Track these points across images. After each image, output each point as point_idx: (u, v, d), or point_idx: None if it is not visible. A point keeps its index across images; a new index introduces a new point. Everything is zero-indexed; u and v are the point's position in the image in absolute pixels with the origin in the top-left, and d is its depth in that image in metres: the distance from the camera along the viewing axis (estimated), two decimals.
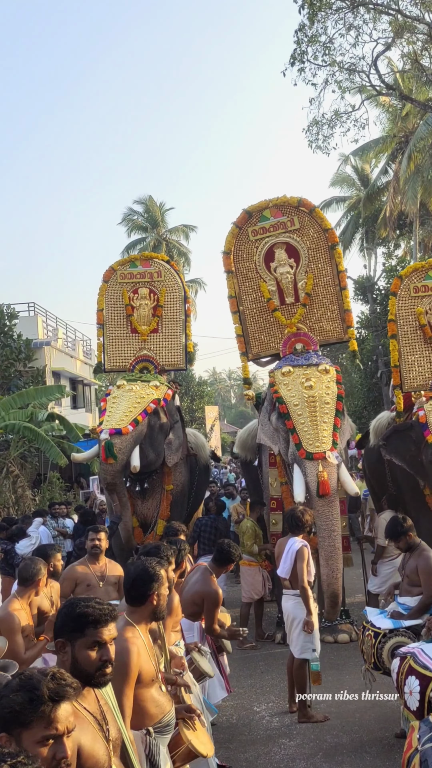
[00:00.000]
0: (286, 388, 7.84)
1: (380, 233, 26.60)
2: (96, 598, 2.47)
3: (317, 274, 8.83)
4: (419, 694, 4.48)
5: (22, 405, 15.59)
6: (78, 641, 2.32)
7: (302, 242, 8.83)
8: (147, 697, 3.02)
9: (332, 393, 7.75)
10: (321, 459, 7.18)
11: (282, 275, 8.80)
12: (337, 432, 7.48)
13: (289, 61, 16.85)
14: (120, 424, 7.85)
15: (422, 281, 8.45)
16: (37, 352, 21.43)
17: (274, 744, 5.43)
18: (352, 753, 5.12)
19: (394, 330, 8.38)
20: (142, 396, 8.31)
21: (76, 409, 25.81)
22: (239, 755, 5.28)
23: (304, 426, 7.44)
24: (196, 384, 34.18)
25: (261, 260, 8.89)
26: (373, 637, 5.28)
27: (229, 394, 74.78)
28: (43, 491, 15.97)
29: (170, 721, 3.08)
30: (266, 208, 8.92)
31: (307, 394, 7.64)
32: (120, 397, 8.29)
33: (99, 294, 9.49)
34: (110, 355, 9.36)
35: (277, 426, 7.75)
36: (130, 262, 9.62)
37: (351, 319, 8.96)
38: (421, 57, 17.74)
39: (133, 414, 8.03)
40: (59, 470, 17.33)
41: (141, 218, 37.08)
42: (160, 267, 9.59)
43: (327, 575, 6.83)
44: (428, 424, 7.50)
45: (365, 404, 22.06)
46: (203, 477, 10.21)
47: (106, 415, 8.12)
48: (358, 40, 17.01)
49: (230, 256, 8.96)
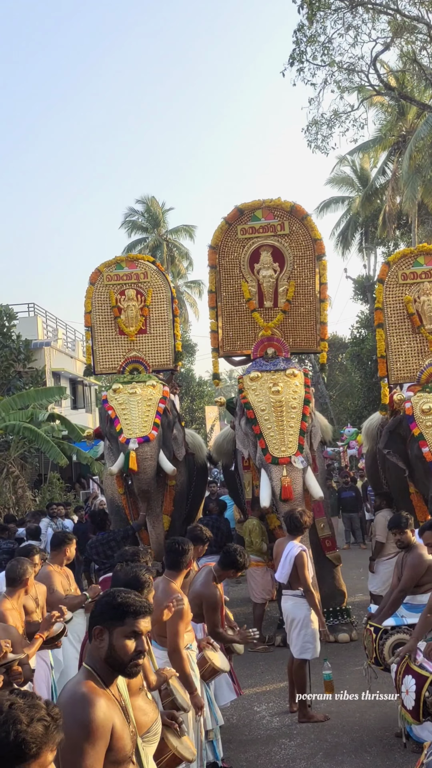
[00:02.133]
0: (254, 393, 7.86)
1: (380, 233, 26.61)
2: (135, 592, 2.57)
3: (299, 283, 8.76)
4: (415, 693, 4.51)
5: (22, 406, 15.60)
6: (116, 629, 2.40)
7: (289, 248, 8.77)
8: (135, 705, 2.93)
9: (299, 397, 7.75)
10: (286, 464, 7.22)
11: (264, 278, 8.75)
12: (303, 436, 7.49)
13: (288, 61, 16.87)
14: (145, 431, 7.89)
15: (410, 268, 8.25)
16: (37, 353, 21.43)
17: (275, 744, 5.43)
18: (353, 753, 5.13)
19: (381, 319, 8.20)
20: (149, 398, 8.34)
21: (76, 409, 25.81)
22: (239, 755, 5.28)
23: (270, 431, 7.47)
24: (196, 384, 34.21)
25: (246, 260, 8.83)
26: (373, 633, 5.30)
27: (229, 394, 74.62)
28: (43, 492, 15.98)
29: (157, 729, 3.04)
30: (258, 208, 8.85)
31: (274, 399, 7.65)
32: (128, 402, 8.28)
33: (86, 296, 9.48)
34: (99, 357, 9.36)
35: (246, 431, 7.79)
36: (116, 263, 9.58)
37: (325, 333, 8.89)
38: (420, 57, 17.74)
39: (150, 418, 8.07)
40: (59, 471, 17.34)
41: (142, 218, 37.10)
42: (146, 268, 9.57)
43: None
44: (414, 416, 7.39)
45: (365, 404, 22.07)
46: (201, 477, 10.23)
47: (122, 423, 8.07)
48: (357, 40, 17.06)
49: (216, 251, 8.90)
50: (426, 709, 4.43)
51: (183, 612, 4.21)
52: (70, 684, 2.44)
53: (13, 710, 1.65)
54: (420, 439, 7.21)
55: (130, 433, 7.89)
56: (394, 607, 5.41)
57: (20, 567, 4.79)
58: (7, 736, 1.61)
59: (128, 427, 7.98)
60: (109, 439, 8.44)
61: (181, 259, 37.80)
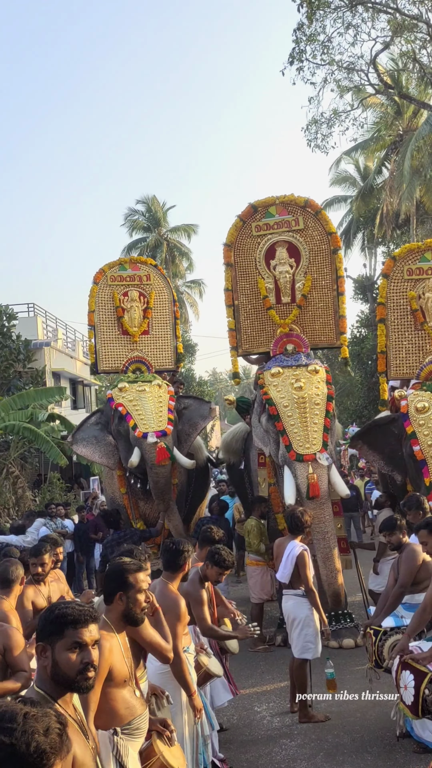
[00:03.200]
0: (275, 389, 7.80)
1: (377, 233, 26.58)
2: (77, 600, 2.49)
3: (316, 277, 8.75)
4: (414, 689, 4.50)
5: (22, 406, 15.58)
6: (58, 643, 2.24)
7: (304, 243, 8.75)
8: (117, 697, 2.98)
9: (322, 394, 7.71)
10: (311, 461, 7.17)
11: (281, 274, 8.74)
12: (327, 433, 7.45)
13: (288, 60, 16.85)
14: (161, 426, 8.05)
15: (417, 263, 8.18)
16: (37, 353, 21.41)
17: (275, 744, 5.41)
18: (354, 753, 5.10)
19: (384, 314, 8.14)
20: (159, 395, 8.48)
21: (76, 409, 25.79)
22: (240, 756, 5.26)
23: (294, 427, 7.42)
24: (197, 384, 34.19)
25: (261, 256, 8.83)
26: (373, 635, 5.28)
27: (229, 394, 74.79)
28: (43, 492, 15.96)
29: (141, 725, 3.00)
30: (272, 204, 8.85)
31: (296, 395, 7.60)
32: (139, 399, 8.37)
33: (90, 296, 9.58)
34: (103, 356, 9.46)
35: (267, 428, 7.73)
36: (119, 265, 9.72)
37: (345, 326, 8.85)
38: (420, 55, 17.72)
39: (164, 414, 8.24)
40: (59, 471, 17.31)
41: (142, 218, 37.07)
42: (149, 270, 9.72)
43: (326, 576, 6.93)
44: (408, 414, 7.34)
45: (365, 403, 22.06)
46: (200, 477, 10.19)
47: (135, 418, 8.17)
48: (357, 39, 17.04)
49: (231, 249, 8.90)
50: (426, 707, 4.43)
51: (180, 614, 4.17)
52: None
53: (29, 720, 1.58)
54: (412, 437, 7.18)
55: (146, 427, 8.00)
56: (394, 605, 5.39)
57: (9, 568, 4.73)
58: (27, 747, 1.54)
59: (143, 421, 8.08)
60: (116, 436, 8.44)
61: (181, 259, 37.77)
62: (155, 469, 7.86)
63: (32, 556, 5.37)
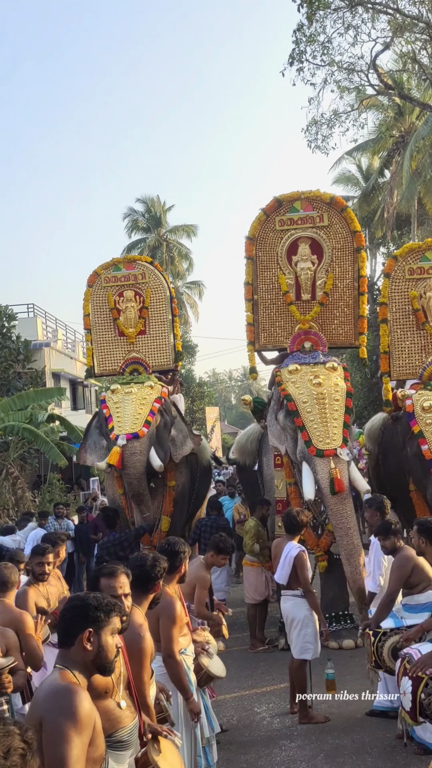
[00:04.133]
0: (294, 385, 7.72)
1: (377, 233, 26.58)
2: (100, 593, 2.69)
3: (338, 275, 8.63)
4: (411, 694, 4.50)
5: (21, 407, 15.56)
6: (105, 629, 2.48)
7: (328, 240, 8.62)
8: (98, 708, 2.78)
9: (341, 390, 7.64)
10: (332, 456, 7.10)
11: (302, 270, 8.60)
12: (347, 429, 7.40)
13: (288, 61, 16.84)
14: (135, 428, 7.89)
15: (418, 263, 8.13)
16: (37, 354, 21.40)
17: (275, 745, 5.39)
18: (354, 754, 5.09)
19: (386, 314, 8.08)
20: (144, 397, 8.33)
21: (76, 410, 25.77)
22: (240, 756, 5.24)
23: (313, 423, 7.34)
24: (197, 385, 34.19)
25: (284, 251, 8.69)
26: (372, 636, 5.26)
27: (229, 395, 74.73)
28: (43, 493, 15.95)
29: (125, 738, 2.89)
30: (297, 199, 8.70)
31: (315, 391, 7.53)
32: (122, 401, 8.28)
33: (84, 299, 9.45)
34: (100, 359, 9.35)
35: (285, 424, 7.65)
36: (113, 265, 9.53)
37: (364, 326, 8.75)
38: (421, 56, 17.72)
39: (142, 416, 8.08)
40: (59, 471, 17.29)
41: (142, 218, 37.08)
42: (144, 269, 9.52)
43: (350, 573, 6.85)
44: (414, 413, 7.29)
45: (366, 404, 22.02)
46: (204, 478, 10.16)
47: (114, 420, 8.09)
48: (357, 40, 17.02)
49: (253, 242, 8.74)
50: (423, 710, 4.43)
51: (176, 617, 4.13)
52: (49, 680, 2.43)
53: None
54: (420, 437, 7.13)
55: (120, 429, 7.91)
56: (384, 613, 5.40)
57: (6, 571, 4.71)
58: None
59: (119, 424, 8.01)
60: (105, 437, 8.41)
61: (181, 260, 37.78)
62: (123, 471, 7.77)
63: (35, 555, 5.36)
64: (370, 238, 28.31)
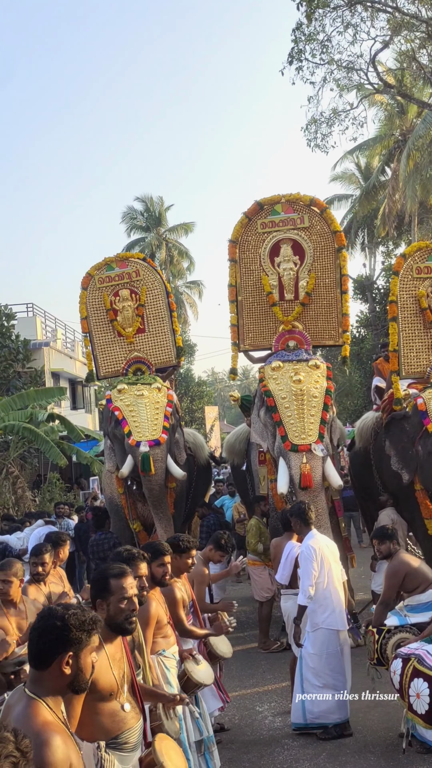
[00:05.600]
0: (274, 382, 7.81)
1: (379, 232, 26.58)
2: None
3: (320, 275, 8.71)
4: (429, 697, 4.41)
5: (21, 406, 15.56)
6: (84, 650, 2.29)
7: (309, 241, 8.72)
8: (103, 710, 2.84)
9: (321, 387, 7.70)
10: (306, 451, 7.15)
11: (285, 271, 8.69)
12: (324, 425, 7.44)
13: (287, 60, 16.82)
14: (155, 435, 7.83)
15: (425, 262, 8.13)
16: (36, 353, 21.40)
17: (278, 744, 5.39)
18: (356, 753, 5.08)
19: (395, 312, 8.06)
20: (157, 401, 8.25)
21: (75, 410, 25.77)
22: (242, 756, 5.24)
23: (290, 418, 7.41)
24: (196, 384, 34.19)
25: (266, 253, 8.77)
26: (376, 633, 5.26)
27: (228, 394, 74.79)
28: (43, 492, 15.95)
29: (130, 739, 2.87)
30: (278, 202, 8.80)
31: (295, 387, 7.60)
32: (136, 405, 8.17)
33: (80, 302, 9.29)
34: (101, 362, 9.21)
35: (265, 420, 7.72)
36: (106, 265, 9.36)
37: (347, 324, 8.82)
38: (420, 55, 17.71)
39: (159, 422, 8.00)
40: (59, 471, 17.29)
41: (141, 217, 37.02)
42: (138, 266, 9.39)
43: None
44: (428, 412, 7.26)
45: (365, 404, 22.07)
46: (202, 476, 10.16)
47: (130, 424, 7.97)
48: (356, 38, 16.99)
49: (236, 245, 8.84)
50: None
51: (149, 617, 4.04)
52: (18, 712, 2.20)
53: None
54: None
55: (140, 435, 7.82)
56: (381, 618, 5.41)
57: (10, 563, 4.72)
58: None
59: (138, 429, 7.90)
60: (111, 439, 8.36)
61: (180, 259, 37.74)
62: (147, 477, 7.72)
63: (33, 555, 5.35)
64: (370, 237, 28.32)
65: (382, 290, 24.68)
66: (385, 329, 9.46)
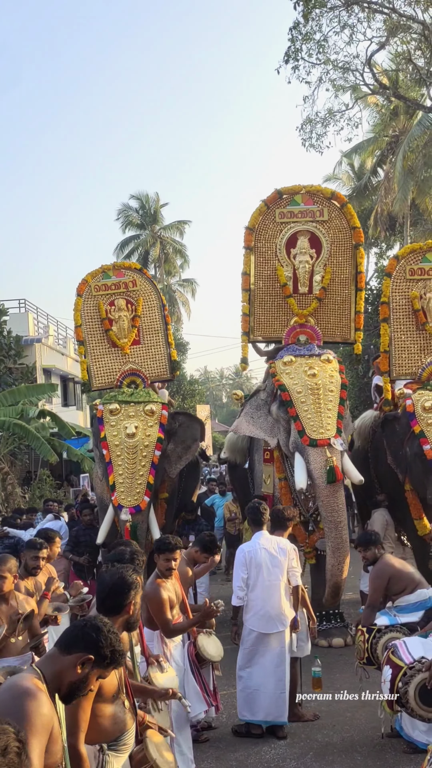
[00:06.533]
0: (288, 376, 7.71)
1: (371, 233, 26.63)
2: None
3: (335, 270, 8.61)
4: (390, 683, 4.55)
5: (12, 402, 15.50)
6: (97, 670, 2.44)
7: (327, 235, 8.60)
8: (106, 713, 2.85)
9: (336, 381, 7.63)
10: (326, 445, 7.10)
11: (300, 263, 8.57)
12: (341, 420, 7.41)
13: (284, 59, 16.85)
14: (137, 499, 7.47)
15: (419, 263, 8.13)
16: (28, 349, 21.32)
17: (265, 743, 5.39)
18: (343, 752, 5.09)
19: (387, 313, 8.06)
20: (146, 444, 7.73)
21: (67, 406, 25.71)
22: (229, 754, 5.23)
23: (307, 413, 7.33)
24: (188, 383, 34.17)
25: (283, 244, 8.65)
26: (366, 632, 5.27)
27: (220, 393, 74.80)
28: (33, 489, 15.90)
29: (129, 740, 2.90)
30: (298, 192, 8.67)
31: (310, 382, 7.52)
32: (125, 452, 7.68)
33: (74, 309, 9.07)
34: (95, 372, 8.95)
35: (278, 416, 7.64)
36: (102, 272, 9.16)
37: (361, 321, 8.73)
38: (416, 57, 17.76)
39: (144, 478, 7.58)
40: (50, 468, 17.24)
41: (136, 215, 36.96)
42: (134, 276, 9.20)
43: (333, 566, 6.81)
44: (415, 413, 7.29)
45: (357, 404, 22.07)
46: (192, 472, 10.05)
47: (114, 476, 7.56)
48: (353, 39, 17.04)
49: (253, 233, 8.69)
50: (399, 699, 4.51)
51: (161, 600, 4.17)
52: (13, 678, 2.36)
53: None
54: (421, 437, 7.13)
55: (123, 499, 7.48)
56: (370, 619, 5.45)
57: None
58: None
59: (120, 487, 7.54)
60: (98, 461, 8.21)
61: (174, 257, 37.70)
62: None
63: (30, 549, 5.36)
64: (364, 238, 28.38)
65: (375, 291, 24.71)
66: (377, 330, 9.45)
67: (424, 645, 4.76)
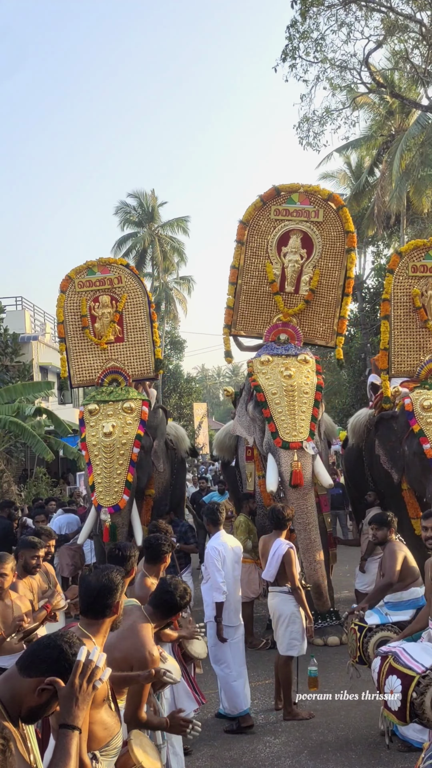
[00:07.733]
0: (264, 376, 7.75)
1: (367, 232, 26.62)
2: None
3: (324, 273, 8.60)
4: (401, 693, 4.43)
5: (8, 400, 15.47)
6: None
7: (320, 236, 8.60)
8: (96, 719, 2.79)
9: (311, 383, 7.67)
10: (297, 449, 7.12)
11: (289, 262, 8.59)
12: (314, 422, 7.41)
13: (281, 57, 16.79)
14: (116, 499, 7.47)
15: (422, 260, 8.08)
16: (24, 347, 21.27)
17: (260, 741, 5.40)
18: (338, 751, 5.10)
19: (387, 310, 8.00)
20: (124, 442, 7.70)
21: (63, 404, 25.66)
22: (224, 753, 5.24)
23: (281, 415, 7.38)
24: (185, 381, 34.19)
25: (274, 241, 8.66)
26: (357, 632, 5.27)
27: (217, 391, 74.77)
28: (29, 487, 15.88)
29: (117, 744, 2.87)
30: (296, 191, 8.68)
31: (285, 383, 7.56)
32: (102, 451, 7.68)
33: (57, 305, 8.95)
34: (76, 369, 8.86)
35: (254, 415, 7.66)
36: (87, 269, 9.02)
37: (343, 327, 8.73)
38: (413, 55, 17.74)
39: (122, 477, 7.55)
40: (46, 465, 17.21)
41: (134, 212, 36.91)
42: (120, 272, 9.02)
43: (306, 567, 6.88)
44: (414, 412, 7.28)
45: (353, 402, 22.10)
46: (181, 470, 9.98)
47: (94, 475, 7.59)
48: (350, 37, 17.00)
49: (246, 227, 8.71)
50: (413, 710, 4.34)
51: None
52: None
53: None
54: (420, 436, 7.11)
55: (101, 498, 7.49)
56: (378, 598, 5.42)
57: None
58: None
59: (99, 487, 7.54)
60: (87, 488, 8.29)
61: (172, 254, 37.65)
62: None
63: (27, 548, 5.36)
64: (360, 236, 28.36)
65: (372, 290, 24.74)
66: (374, 328, 9.43)
67: (427, 651, 4.67)
